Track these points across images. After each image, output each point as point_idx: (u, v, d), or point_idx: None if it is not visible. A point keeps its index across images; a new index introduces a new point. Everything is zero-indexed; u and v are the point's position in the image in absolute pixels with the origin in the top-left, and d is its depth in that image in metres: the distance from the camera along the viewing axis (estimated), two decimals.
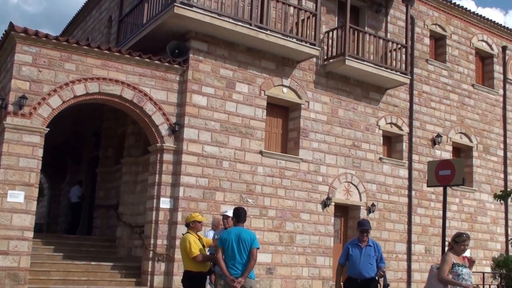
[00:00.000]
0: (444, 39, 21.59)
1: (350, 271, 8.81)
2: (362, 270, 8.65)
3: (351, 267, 8.79)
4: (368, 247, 8.79)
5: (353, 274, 8.76)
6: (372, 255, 8.75)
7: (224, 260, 8.04)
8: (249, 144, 15.89)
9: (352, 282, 8.75)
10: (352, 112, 18.29)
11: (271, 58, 16.60)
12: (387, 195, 18.84)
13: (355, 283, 8.71)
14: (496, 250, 21.12)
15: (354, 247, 8.82)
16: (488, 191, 21.65)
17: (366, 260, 8.70)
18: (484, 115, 22.31)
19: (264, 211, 15.92)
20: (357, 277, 8.69)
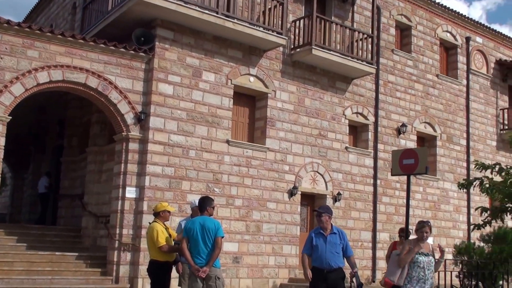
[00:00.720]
0: (410, 29, 21.82)
1: (315, 261, 8.26)
2: (328, 259, 8.11)
3: (316, 257, 8.25)
4: (332, 235, 8.26)
5: (319, 264, 8.22)
6: (338, 243, 8.22)
7: (189, 249, 8.01)
8: (216, 133, 15.85)
9: (318, 273, 8.18)
10: (319, 102, 18.38)
11: (238, 47, 16.55)
12: (353, 184, 19.03)
13: (320, 274, 8.15)
14: (459, 237, 21.55)
15: (318, 236, 8.30)
16: (451, 180, 22.04)
17: (332, 248, 8.17)
18: (448, 105, 22.66)
19: (231, 200, 15.93)
20: (323, 267, 8.16)
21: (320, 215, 8.37)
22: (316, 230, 8.46)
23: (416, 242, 7.70)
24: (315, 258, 8.27)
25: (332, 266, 8.13)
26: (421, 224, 7.82)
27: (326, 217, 8.36)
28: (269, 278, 16.49)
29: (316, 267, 8.26)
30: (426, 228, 7.74)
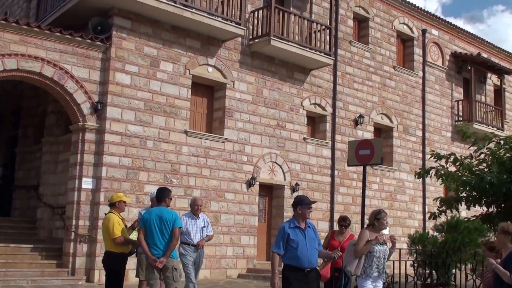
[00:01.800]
0: (367, 21, 22.06)
1: (293, 260, 6.95)
2: (310, 257, 7.00)
3: (294, 255, 6.94)
4: (308, 229, 7.18)
5: (298, 263, 6.94)
6: (314, 237, 7.22)
7: (146, 240, 7.96)
8: (174, 123, 15.76)
9: (297, 274, 6.93)
10: (277, 92, 18.45)
11: (196, 37, 16.46)
12: (311, 175, 19.19)
13: (301, 275, 6.93)
14: (414, 227, 21.96)
15: (295, 230, 7.03)
16: (407, 170, 22.44)
17: (312, 244, 7.10)
18: (404, 97, 23.03)
19: (189, 191, 15.88)
20: (303, 267, 6.93)
21: (310, 207, 7.30)
22: (290, 224, 7.11)
23: (375, 232, 7.72)
24: (293, 257, 6.95)
25: (313, 265, 7.07)
26: (383, 213, 7.67)
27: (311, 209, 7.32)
28: (227, 269, 16.54)
29: (295, 266, 6.94)
30: (386, 217, 7.73)
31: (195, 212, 10.11)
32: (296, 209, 7.16)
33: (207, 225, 10.19)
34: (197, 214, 10.11)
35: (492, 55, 27.19)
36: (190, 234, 9.89)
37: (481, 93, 26.36)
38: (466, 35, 26.38)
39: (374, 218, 7.69)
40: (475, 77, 25.41)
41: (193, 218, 10.06)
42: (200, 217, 10.15)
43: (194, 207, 10.14)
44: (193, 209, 10.16)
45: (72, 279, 13.73)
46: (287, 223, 7.19)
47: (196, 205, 10.13)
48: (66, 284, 13.34)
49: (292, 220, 7.16)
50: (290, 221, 7.18)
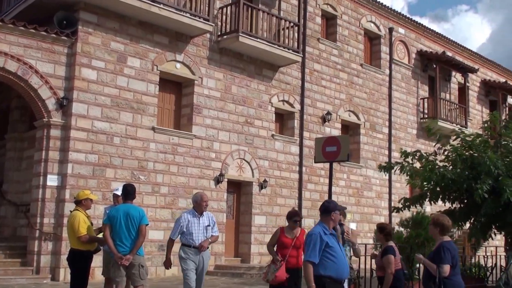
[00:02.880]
0: (335, 19, 22.20)
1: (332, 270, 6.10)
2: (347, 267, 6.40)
3: (336, 265, 6.11)
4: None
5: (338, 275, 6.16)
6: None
7: (112, 237, 7.88)
8: (141, 120, 15.62)
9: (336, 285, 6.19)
10: (246, 89, 18.45)
11: (164, 33, 16.34)
12: (279, 171, 19.25)
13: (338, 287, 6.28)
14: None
15: (330, 237, 6.20)
16: (374, 167, 22.68)
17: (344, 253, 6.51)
18: (371, 94, 23.26)
19: (157, 188, 15.78)
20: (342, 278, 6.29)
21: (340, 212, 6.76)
22: (324, 231, 6.23)
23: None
24: (333, 267, 6.09)
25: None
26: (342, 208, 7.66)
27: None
28: None
29: (335, 278, 6.11)
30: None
31: (200, 210, 8.55)
32: (329, 214, 6.28)
33: (212, 224, 8.64)
34: (202, 211, 8.57)
35: (457, 54, 27.66)
36: (192, 235, 8.39)
37: (445, 91, 26.79)
38: (432, 33, 26.77)
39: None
40: (440, 75, 25.82)
41: (196, 216, 8.52)
42: (205, 215, 8.56)
43: (202, 204, 8.56)
44: (197, 206, 8.57)
45: (36, 278, 13.50)
46: (319, 229, 6.21)
47: (204, 201, 8.59)
48: (31, 283, 13.11)
49: (322, 226, 6.25)
50: (320, 227, 6.25)
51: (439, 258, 6.62)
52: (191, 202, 8.85)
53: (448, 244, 6.72)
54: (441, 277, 6.52)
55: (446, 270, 6.54)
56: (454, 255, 6.67)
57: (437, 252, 6.73)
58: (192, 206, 8.81)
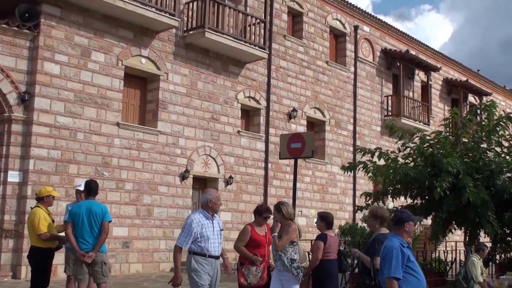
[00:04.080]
0: (301, 16, 22.30)
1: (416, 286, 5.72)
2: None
3: (420, 282, 5.72)
4: None
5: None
6: None
7: (74, 234, 7.79)
8: (105, 115, 15.45)
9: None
10: (212, 85, 18.40)
11: (129, 27, 16.17)
12: (245, 168, 19.28)
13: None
14: (345, 219, 22.47)
15: (408, 250, 5.72)
16: (338, 163, 22.84)
17: None
18: (336, 91, 23.46)
19: (121, 184, 15.63)
20: None
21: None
22: (402, 243, 5.69)
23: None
24: (414, 283, 5.65)
25: None
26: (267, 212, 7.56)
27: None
28: (160, 263, 16.41)
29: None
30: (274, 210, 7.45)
31: (214, 210, 7.05)
32: (403, 226, 5.77)
33: (222, 228, 7.23)
34: (215, 212, 7.12)
35: (420, 53, 28.08)
36: (208, 241, 6.81)
37: (409, 89, 27.19)
38: (396, 32, 27.11)
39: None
40: (403, 73, 26.18)
41: (209, 219, 6.93)
42: (216, 218, 7.09)
43: (218, 203, 7.08)
44: (212, 206, 6.97)
45: None
46: (397, 242, 5.65)
47: (219, 200, 7.15)
48: None
49: (397, 238, 5.71)
50: (397, 240, 5.68)
51: (373, 250, 6.66)
52: (202, 202, 7.13)
53: (383, 236, 6.65)
54: (375, 269, 6.53)
55: (379, 262, 6.52)
56: None
57: (371, 244, 6.79)
58: (201, 206, 7.54)
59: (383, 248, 5.72)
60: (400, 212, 5.98)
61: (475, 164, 13.29)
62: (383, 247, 5.75)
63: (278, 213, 7.38)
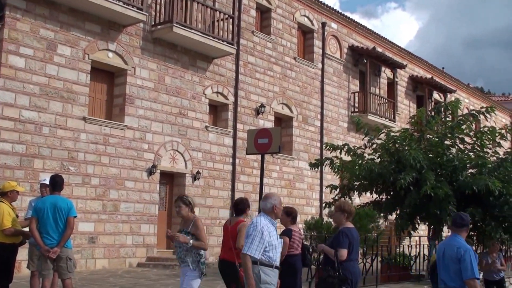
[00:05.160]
0: (270, 12, 22.37)
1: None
2: None
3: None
4: None
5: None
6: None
7: (39, 230, 7.71)
8: (72, 109, 15.29)
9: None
10: (179, 80, 18.35)
11: (96, 21, 16.01)
12: (212, 163, 19.29)
13: None
14: (312, 214, 22.65)
15: None
16: (305, 159, 23.06)
17: None
18: (304, 87, 23.61)
19: (87, 179, 15.50)
20: None
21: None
22: (463, 241, 6.41)
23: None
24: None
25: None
26: (176, 200, 7.20)
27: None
28: (126, 258, 16.33)
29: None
30: (178, 202, 7.06)
31: (277, 216, 6.42)
32: (467, 227, 6.46)
33: None
34: (278, 218, 6.55)
35: (386, 50, 28.43)
36: (275, 250, 6.12)
37: (375, 86, 27.52)
38: (363, 29, 27.39)
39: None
40: (370, 70, 26.50)
41: (274, 225, 6.21)
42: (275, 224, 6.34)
43: (281, 208, 6.50)
44: (276, 211, 6.28)
45: None
46: (465, 243, 6.29)
47: (280, 203, 6.38)
48: None
49: (461, 239, 6.33)
50: (462, 240, 6.31)
51: (338, 242, 6.79)
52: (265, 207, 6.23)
53: (347, 230, 6.86)
54: (339, 261, 6.69)
55: (343, 254, 6.69)
56: (352, 241, 6.80)
57: (336, 237, 6.94)
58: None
59: (458, 249, 6.13)
60: (465, 216, 6.43)
61: (439, 160, 13.60)
62: (457, 248, 6.15)
63: (187, 206, 7.04)
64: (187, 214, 7.10)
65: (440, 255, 6.43)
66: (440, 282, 6.44)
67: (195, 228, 7.01)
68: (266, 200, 6.23)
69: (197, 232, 7.00)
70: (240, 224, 7.41)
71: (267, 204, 6.18)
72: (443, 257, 6.34)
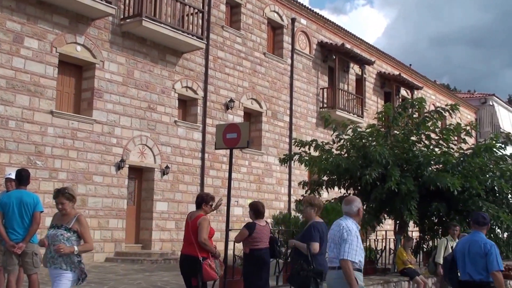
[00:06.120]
0: (239, 7, 22.39)
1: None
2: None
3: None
4: None
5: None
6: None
7: (4, 225, 7.65)
8: (39, 103, 15.12)
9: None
10: (149, 74, 18.27)
11: (64, 14, 15.84)
12: (181, 158, 19.27)
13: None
14: (280, 209, 22.79)
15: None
16: (274, 154, 23.18)
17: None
18: (273, 83, 23.71)
19: (54, 173, 15.35)
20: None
21: None
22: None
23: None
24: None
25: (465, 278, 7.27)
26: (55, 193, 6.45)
27: None
28: (94, 253, 16.20)
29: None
30: (60, 198, 6.31)
31: (360, 219, 6.33)
32: (488, 226, 7.33)
33: None
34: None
35: (355, 46, 28.71)
36: (363, 253, 6.05)
37: (344, 82, 27.77)
38: (332, 26, 27.59)
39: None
40: (339, 66, 26.74)
41: (358, 228, 6.13)
42: None
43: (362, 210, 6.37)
44: (361, 215, 6.25)
45: None
46: (487, 239, 7.11)
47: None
48: None
49: (483, 235, 7.15)
50: (484, 236, 7.15)
51: (310, 236, 6.93)
52: (351, 210, 6.12)
53: (318, 224, 7.02)
54: (312, 254, 6.82)
55: (316, 247, 6.85)
56: (322, 235, 6.94)
57: (307, 231, 7.06)
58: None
59: (485, 245, 6.86)
60: (486, 215, 7.32)
61: (405, 155, 13.83)
62: (483, 244, 6.87)
63: (71, 202, 6.37)
64: (71, 210, 6.30)
65: (465, 251, 7.03)
66: (464, 275, 7.04)
67: (79, 225, 6.20)
68: (352, 204, 6.13)
69: (81, 229, 6.19)
70: (200, 219, 7.52)
71: (352, 208, 6.09)
72: (468, 252, 6.98)
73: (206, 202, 7.80)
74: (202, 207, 7.77)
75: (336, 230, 5.94)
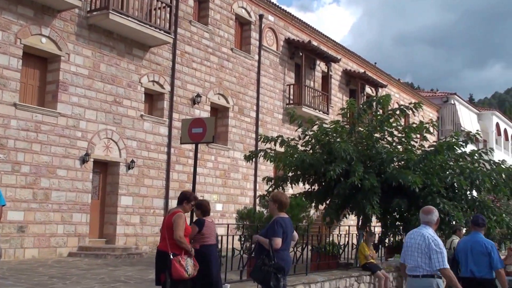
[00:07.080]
0: (207, 2, 22.38)
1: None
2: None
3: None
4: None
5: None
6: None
7: None
8: (2, 95, 14.90)
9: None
10: (115, 68, 18.15)
11: (29, 5, 15.63)
12: (147, 152, 19.21)
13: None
14: (246, 204, 22.90)
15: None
16: (241, 149, 23.29)
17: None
18: (240, 78, 23.79)
19: (17, 167, 15.16)
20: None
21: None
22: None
23: None
24: None
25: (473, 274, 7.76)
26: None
27: None
28: (57, 247, 16.09)
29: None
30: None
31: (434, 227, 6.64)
32: (486, 227, 8.01)
33: None
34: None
35: (321, 44, 28.97)
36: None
37: (310, 79, 28.02)
38: (299, 23, 27.79)
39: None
40: (305, 63, 26.96)
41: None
42: None
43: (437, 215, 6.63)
44: (437, 223, 6.66)
45: None
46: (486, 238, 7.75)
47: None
48: None
49: (482, 235, 7.84)
50: (483, 236, 7.85)
51: (272, 231, 7.04)
52: (432, 220, 6.50)
53: (281, 219, 7.13)
54: (274, 250, 6.93)
55: (278, 242, 6.96)
56: (285, 231, 7.06)
57: (270, 226, 7.19)
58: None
59: (486, 244, 7.51)
60: (485, 218, 8.06)
61: (368, 152, 14.09)
62: (484, 243, 7.54)
63: None
64: None
65: (468, 250, 7.65)
66: (467, 272, 7.62)
67: None
68: (432, 213, 6.51)
69: None
70: (175, 215, 7.46)
71: (433, 218, 6.48)
72: (471, 251, 7.59)
73: (188, 201, 7.75)
74: (183, 204, 7.74)
75: (420, 240, 6.30)
